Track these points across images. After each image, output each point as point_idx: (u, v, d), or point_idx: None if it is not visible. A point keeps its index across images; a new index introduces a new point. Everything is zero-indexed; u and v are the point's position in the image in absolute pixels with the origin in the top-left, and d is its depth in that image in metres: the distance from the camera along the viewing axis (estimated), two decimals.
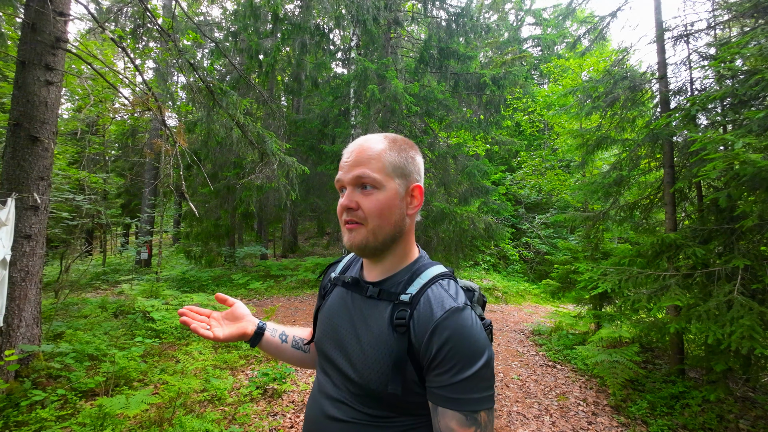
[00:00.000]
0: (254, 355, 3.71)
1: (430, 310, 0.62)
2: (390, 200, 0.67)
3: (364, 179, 0.67)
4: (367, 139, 0.71)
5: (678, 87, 3.78)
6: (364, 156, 0.68)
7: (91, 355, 2.96)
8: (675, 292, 2.55)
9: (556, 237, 10.84)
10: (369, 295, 0.71)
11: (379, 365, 0.64)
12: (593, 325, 4.75)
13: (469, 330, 0.60)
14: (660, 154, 3.76)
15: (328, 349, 0.75)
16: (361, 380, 0.65)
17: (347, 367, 0.69)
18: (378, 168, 0.67)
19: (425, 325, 0.62)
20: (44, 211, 2.68)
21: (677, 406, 2.87)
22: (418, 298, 0.65)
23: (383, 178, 0.67)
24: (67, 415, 2.31)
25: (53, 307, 4.16)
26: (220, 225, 9.12)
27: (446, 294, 0.64)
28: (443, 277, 0.69)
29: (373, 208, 0.67)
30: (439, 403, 0.60)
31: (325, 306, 0.81)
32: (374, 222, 0.67)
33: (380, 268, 0.73)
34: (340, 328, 0.73)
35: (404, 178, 0.70)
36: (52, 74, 2.63)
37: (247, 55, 8.69)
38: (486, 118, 8.75)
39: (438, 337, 0.60)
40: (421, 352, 0.61)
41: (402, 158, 0.70)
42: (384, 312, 0.68)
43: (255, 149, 3.92)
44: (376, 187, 0.67)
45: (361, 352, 0.67)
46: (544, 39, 15.41)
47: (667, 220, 3.53)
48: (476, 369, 0.58)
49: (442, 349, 0.59)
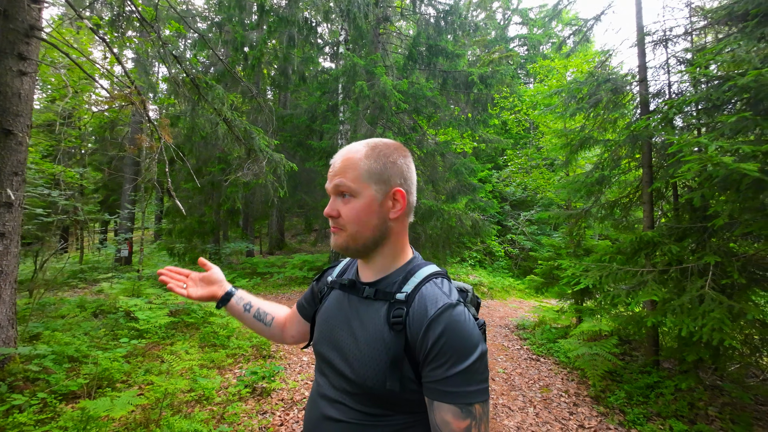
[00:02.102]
0: (242, 353, 3.68)
1: (425, 307, 0.64)
2: (367, 207, 0.70)
3: (341, 188, 0.71)
4: (349, 148, 0.74)
5: (657, 90, 3.93)
6: (342, 166, 0.72)
7: (71, 356, 2.87)
8: (652, 288, 2.67)
9: (540, 234, 11.12)
10: (365, 295, 0.73)
11: (376, 363, 0.66)
12: (575, 319, 4.92)
13: (462, 325, 0.62)
14: (639, 155, 3.90)
15: (325, 351, 0.77)
16: (359, 379, 0.67)
17: (344, 366, 0.70)
18: (354, 176, 0.70)
19: (420, 321, 0.64)
20: (18, 208, 2.57)
21: (652, 395, 3.02)
22: (413, 296, 0.67)
23: (359, 185, 0.70)
24: (47, 418, 2.24)
25: (28, 307, 3.99)
26: (204, 221, 8.92)
27: (440, 291, 0.67)
28: (437, 275, 0.71)
29: (350, 215, 0.70)
30: (435, 397, 0.62)
31: (322, 309, 0.83)
32: (352, 228, 0.71)
33: (373, 269, 0.75)
34: (336, 329, 0.75)
35: (382, 183, 0.71)
36: (26, 64, 2.50)
37: (232, 47, 8.48)
38: (474, 116, 8.84)
39: (432, 332, 0.62)
40: (416, 349, 0.64)
41: (379, 164, 0.71)
42: (380, 311, 0.69)
43: (242, 145, 3.85)
44: (353, 195, 0.70)
45: (357, 351, 0.69)
46: (530, 38, 15.65)
47: (645, 218, 3.68)
48: (470, 362, 0.60)
49: (437, 344, 0.61)
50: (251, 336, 3.99)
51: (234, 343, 3.79)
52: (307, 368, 3.55)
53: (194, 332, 4.18)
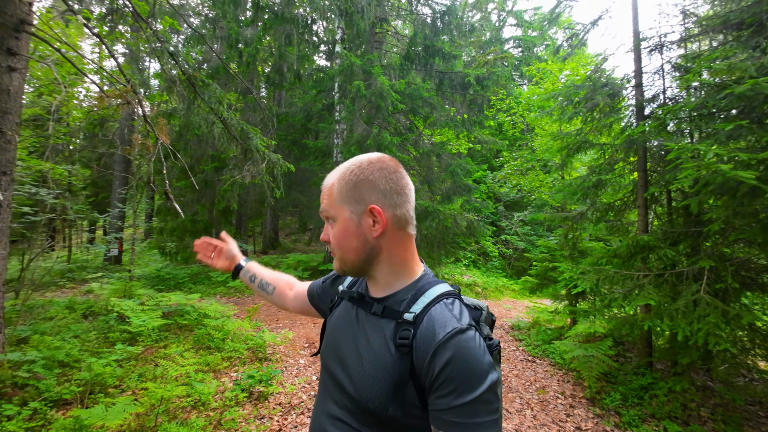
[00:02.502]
0: (237, 356, 3.63)
1: (433, 330, 0.61)
2: (344, 230, 0.70)
3: (324, 215, 0.73)
4: (331, 172, 0.75)
5: (652, 95, 3.99)
6: (324, 191, 0.74)
7: (62, 361, 2.79)
8: (648, 291, 2.71)
9: (533, 234, 11.24)
10: (373, 311, 0.71)
11: (378, 384, 0.63)
12: (569, 320, 4.98)
13: (472, 351, 0.59)
14: (634, 159, 3.96)
15: (330, 363, 0.75)
16: (360, 397, 0.65)
17: (347, 382, 0.68)
18: (329, 202, 0.72)
19: (427, 346, 0.61)
20: (7, 209, 2.48)
21: (646, 396, 3.07)
22: (421, 317, 0.64)
23: (334, 210, 0.71)
24: (38, 426, 2.17)
25: (14, 309, 3.87)
26: (197, 220, 8.79)
27: (450, 314, 0.63)
28: (448, 296, 0.68)
29: (334, 240, 0.72)
30: (441, 427, 0.59)
31: (333, 318, 0.82)
32: (338, 251, 0.73)
33: (379, 285, 0.74)
34: (342, 343, 0.74)
35: (355, 203, 0.69)
36: (15, 60, 2.41)
37: (226, 43, 8.34)
38: (470, 117, 8.87)
39: (439, 358, 0.59)
40: (422, 374, 0.61)
41: (350, 184, 0.69)
42: (386, 330, 0.67)
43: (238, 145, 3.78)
44: (333, 219, 0.72)
45: (361, 369, 0.67)
46: (524, 41, 15.76)
47: (640, 222, 3.73)
48: (479, 393, 0.57)
49: (443, 371, 0.58)
50: (247, 338, 3.94)
51: (229, 345, 3.74)
52: (304, 371, 3.52)
53: (188, 334, 4.11)
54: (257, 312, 5.31)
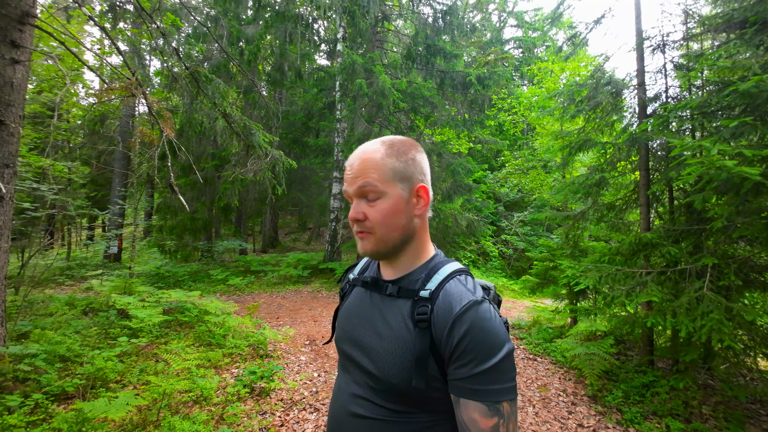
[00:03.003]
0: (238, 353, 3.62)
1: (450, 304, 0.64)
2: (394, 207, 0.69)
3: (366, 189, 0.69)
4: (365, 148, 0.72)
5: (655, 94, 4.00)
6: (364, 166, 0.69)
7: (63, 356, 2.77)
8: (651, 289, 2.71)
9: (533, 234, 11.24)
10: (389, 293, 0.73)
11: (400, 360, 0.65)
12: (570, 319, 4.98)
13: (489, 322, 0.62)
14: (636, 158, 3.96)
15: (348, 348, 0.76)
16: (383, 375, 0.67)
17: (368, 363, 0.70)
18: (379, 177, 0.68)
19: (445, 319, 0.63)
20: (9, 202, 2.47)
21: (648, 394, 3.07)
22: (437, 293, 0.67)
23: (384, 186, 0.68)
24: (39, 420, 2.16)
25: (14, 304, 3.85)
26: (196, 218, 8.77)
27: (464, 288, 0.66)
28: (460, 272, 0.71)
29: (378, 217, 0.69)
30: (461, 394, 0.61)
31: (344, 306, 0.83)
32: (381, 230, 0.69)
33: (397, 268, 0.75)
34: (359, 326, 0.75)
35: (406, 181, 0.70)
36: (19, 52, 2.40)
37: (227, 41, 8.34)
38: (470, 116, 8.88)
39: (458, 330, 0.61)
40: (442, 346, 0.63)
41: (401, 162, 0.70)
42: (404, 309, 0.69)
43: (240, 141, 3.78)
44: (379, 196, 0.69)
45: (381, 348, 0.68)
46: (525, 41, 15.80)
47: (642, 220, 3.74)
48: (497, 360, 0.60)
49: (462, 342, 0.60)
50: (248, 335, 3.93)
51: (230, 342, 3.73)
52: (305, 368, 3.51)
53: (189, 331, 4.10)
54: (258, 309, 5.30)
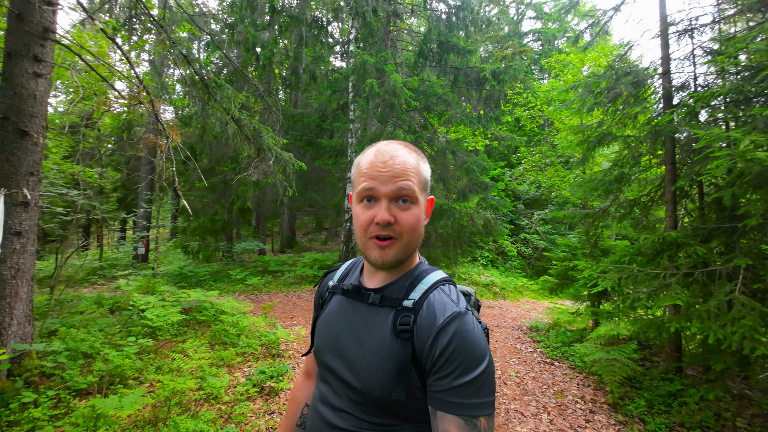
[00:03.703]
0: (251, 352, 3.69)
1: (433, 315, 0.63)
2: (419, 215, 0.68)
3: (405, 192, 0.65)
4: (397, 149, 0.68)
5: (681, 83, 3.73)
6: (405, 168, 0.66)
7: (86, 353, 2.92)
8: (675, 291, 2.53)
9: (555, 233, 10.85)
10: (371, 302, 0.70)
11: (382, 372, 0.64)
12: (591, 322, 4.75)
13: (471, 334, 0.61)
14: (662, 151, 3.72)
15: (328, 359, 0.74)
16: (364, 388, 0.65)
17: (349, 375, 0.68)
18: (417, 182, 0.67)
19: (428, 330, 0.62)
20: (35, 207, 2.62)
21: (675, 404, 2.87)
22: (421, 303, 0.66)
23: (419, 192, 0.68)
24: (61, 414, 2.28)
25: (47, 303, 4.11)
26: (216, 220, 9.06)
27: (448, 299, 0.65)
28: (444, 282, 0.70)
29: (410, 223, 0.66)
30: (439, 407, 0.60)
31: (324, 315, 0.80)
32: (408, 237, 0.67)
33: (382, 276, 0.73)
34: (341, 337, 0.73)
35: (426, 191, 0.71)
36: (41, 66, 2.55)
37: (244, 47, 8.56)
38: (486, 113, 8.67)
39: (440, 341, 0.60)
40: (423, 357, 0.62)
41: (427, 171, 0.72)
42: (387, 318, 0.67)
43: (251, 144, 3.85)
44: (413, 202, 0.66)
45: (363, 360, 0.67)
46: (544, 33, 15.26)
47: (668, 218, 3.50)
48: (477, 373, 0.58)
49: (444, 353, 0.59)
50: (261, 334, 4.01)
51: (244, 341, 3.81)
52: None
53: (206, 330, 4.22)
54: (273, 309, 5.40)
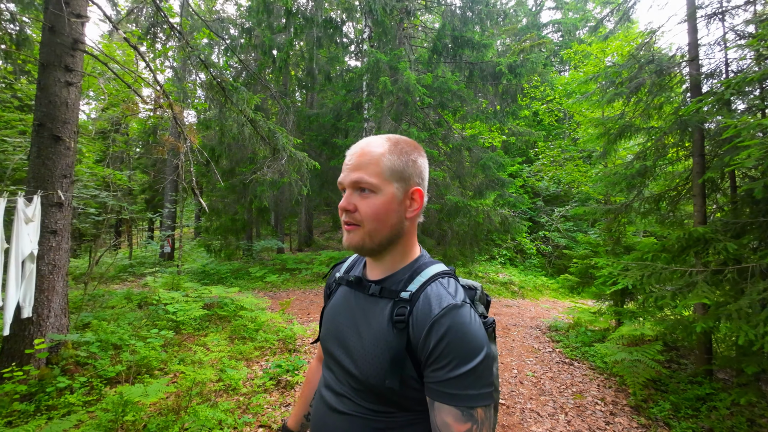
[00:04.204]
0: (268, 347, 3.80)
1: (429, 307, 0.64)
2: (386, 204, 0.69)
3: (361, 183, 0.69)
4: (369, 141, 0.72)
5: (711, 70, 3.52)
6: (363, 159, 0.69)
7: (115, 344, 3.11)
8: (702, 290, 2.40)
9: (576, 230, 10.49)
10: (371, 293, 0.73)
11: (378, 361, 0.66)
12: (614, 322, 4.58)
13: (467, 327, 0.61)
14: (689, 143, 3.52)
15: (331, 347, 0.77)
16: (362, 375, 0.67)
17: (349, 362, 0.71)
18: (376, 172, 0.68)
19: (423, 321, 0.63)
20: (68, 208, 2.81)
21: (703, 408, 2.72)
22: (417, 295, 0.67)
23: (380, 182, 0.68)
24: (93, 400, 2.44)
25: (81, 298, 4.39)
26: (237, 219, 9.34)
27: (445, 291, 0.66)
28: (443, 275, 0.71)
29: (369, 212, 0.68)
30: (436, 398, 0.61)
31: (330, 305, 0.84)
32: (370, 225, 0.69)
33: (381, 267, 0.75)
34: (342, 326, 0.75)
35: (403, 181, 0.70)
36: (72, 75, 2.72)
37: (261, 51, 8.76)
38: (502, 108, 8.49)
39: (435, 333, 0.61)
40: (419, 348, 0.63)
41: (402, 162, 0.70)
42: (385, 309, 0.69)
43: (267, 145, 3.95)
44: (373, 191, 0.69)
45: (362, 348, 0.69)
46: (564, 24, 14.75)
47: (696, 213, 3.32)
48: (473, 365, 0.59)
49: (439, 345, 0.60)
50: (278, 330, 4.12)
51: (261, 336, 3.92)
52: None
53: (226, 325, 4.38)
54: (289, 306, 5.53)
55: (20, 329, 2.55)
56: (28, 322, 2.56)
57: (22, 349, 2.54)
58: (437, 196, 7.68)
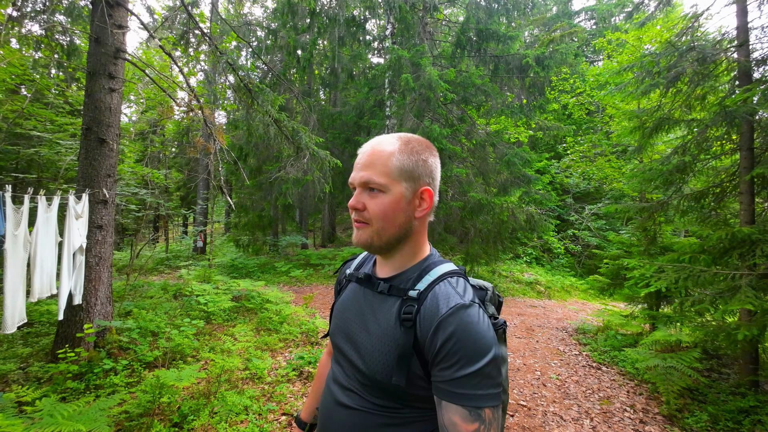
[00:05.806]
0: (292, 338, 3.94)
1: (436, 306, 0.64)
2: (395, 203, 0.69)
3: (369, 183, 0.70)
4: (380, 141, 0.73)
5: (763, 55, 3.22)
6: (373, 159, 0.70)
7: (153, 331, 3.35)
8: (747, 294, 2.22)
9: (609, 229, 9.97)
10: (380, 290, 0.74)
11: (385, 357, 0.67)
12: (647, 326, 4.33)
13: (474, 326, 0.61)
14: (736, 136, 3.25)
15: (340, 342, 0.79)
16: (369, 371, 0.68)
17: (356, 358, 0.72)
18: (384, 172, 0.69)
19: (431, 320, 0.63)
20: (112, 204, 3.05)
21: (746, 421, 2.53)
22: (425, 294, 0.67)
23: (388, 181, 0.69)
24: (134, 382, 2.65)
25: (124, 288, 4.75)
26: (263, 216, 9.68)
27: (453, 291, 0.66)
28: (452, 274, 0.70)
29: (377, 211, 0.69)
30: (443, 397, 0.61)
31: (339, 301, 0.86)
32: (378, 223, 0.70)
33: (391, 265, 0.76)
34: (351, 322, 0.77)
35: (412, 181, 0.71)
36: (114, 82, 2.94)
37: (286, 51, 8.98)
38: (529, 102, 8.19)
39: (442, 332, 0.61)
40: (426, 347, 0.63)
41: (411, 161, 0.71)
42: (393, 307, 0.70)
43: (291, 144, 4.07)
44: (382, 191, 0.69)
45: (369, 345, 0.70)
46: (599, 10, 13.93)
47: (743, 212, 3.07)
48: (481, 365, 0.59)
49: (446, 344, 0.60)
50: (301, 323, 4.25)
51: (285, 328, 4.07)
52: None
53: (253, 316, 4.58)
54: (312, 300, 5.68)
55: (72, 315, 2.81)
56: (78, 308, 2.82)
57: (74, 332, 2.80)
58: (460, 193, 7.57)
